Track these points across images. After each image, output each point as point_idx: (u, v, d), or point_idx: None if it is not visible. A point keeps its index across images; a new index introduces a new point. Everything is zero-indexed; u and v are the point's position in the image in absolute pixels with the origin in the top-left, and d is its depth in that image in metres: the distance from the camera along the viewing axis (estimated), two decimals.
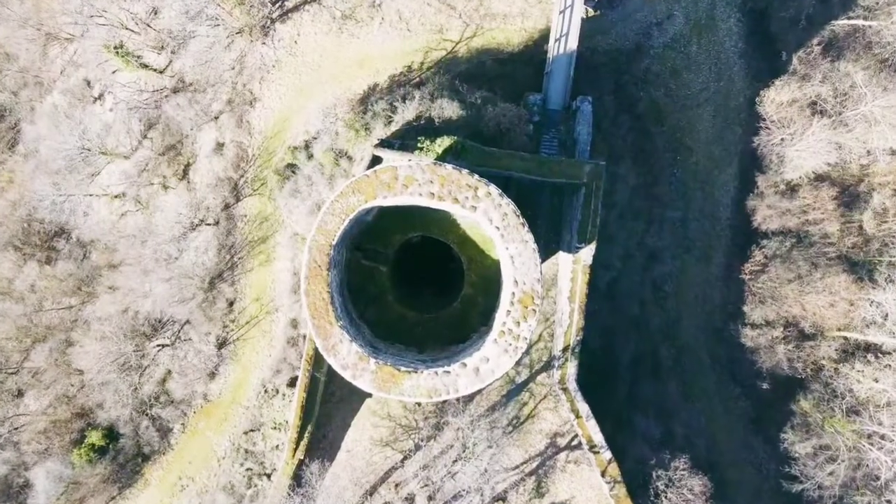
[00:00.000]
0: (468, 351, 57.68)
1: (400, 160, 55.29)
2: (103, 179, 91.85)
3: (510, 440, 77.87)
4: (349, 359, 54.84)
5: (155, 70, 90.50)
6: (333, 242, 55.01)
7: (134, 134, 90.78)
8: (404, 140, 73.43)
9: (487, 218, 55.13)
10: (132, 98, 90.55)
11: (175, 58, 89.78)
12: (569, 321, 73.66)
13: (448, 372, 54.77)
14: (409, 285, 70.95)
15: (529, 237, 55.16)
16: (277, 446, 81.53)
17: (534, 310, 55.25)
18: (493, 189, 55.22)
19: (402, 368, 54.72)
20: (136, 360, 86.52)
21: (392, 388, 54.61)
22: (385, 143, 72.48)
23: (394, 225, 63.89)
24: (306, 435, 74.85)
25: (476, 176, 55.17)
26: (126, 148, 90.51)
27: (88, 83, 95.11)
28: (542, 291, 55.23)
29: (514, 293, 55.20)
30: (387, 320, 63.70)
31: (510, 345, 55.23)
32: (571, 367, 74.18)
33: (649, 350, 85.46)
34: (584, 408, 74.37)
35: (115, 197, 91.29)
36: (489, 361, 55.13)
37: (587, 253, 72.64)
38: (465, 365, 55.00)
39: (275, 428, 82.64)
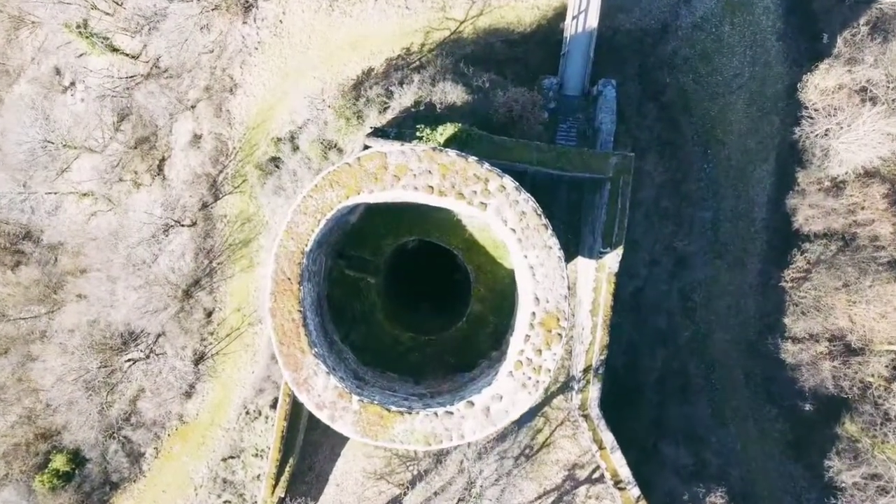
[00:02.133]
0: (476, 384, 43.64)
1: (391, 146, 41.37)
2: (73, 176, 78.43)
3: (522, 472, 64.09)
4: (326, 396, 40.87)
5: (128, 55, 76.84)
6: (306, 249, 41.09)
7: (106, 126, 77.49)
8: (401, 129, 59.73)
9: (501, 218, 41.15)
10: (103, 86, 77.11)
11: (149, 40, 76.12)
12: (591, 338, 59.81)
13: (451, 413, 40.71)
14: (403, 301, 56.62)
15: (554, 242, 41.22)
16: (259, 476, 67.89)
17: (559, 334, 41.24)
18: (509, 181, 41.25)
19: (393, 408, 40.68)
20: (104, 377, 73.13)
21: (380, 434, 40.62)
22: (379, 132, 58.67)
23: (384, 227, 49.73)
24: (287, 468, 61.07)
25: (486, 165, 41.18)
26: (97, 141, 77.10)
27: (58, 71, 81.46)
28: (570, 311, 41.39)
29: (534, 313, 41.14)
30: (376, 344, 49.54)
31: (529, 379, 41.13)
32: (594, 391, 60.28)
33: (677, 367, 71.53)
34: (608, 438, 60.50)
35: (84, 195, 77.85)
36: (503, 400, 41.04)
37: (613, 259, 58.81)
38: (472, 404, 40.90)
39: (256, 455, 68.96)
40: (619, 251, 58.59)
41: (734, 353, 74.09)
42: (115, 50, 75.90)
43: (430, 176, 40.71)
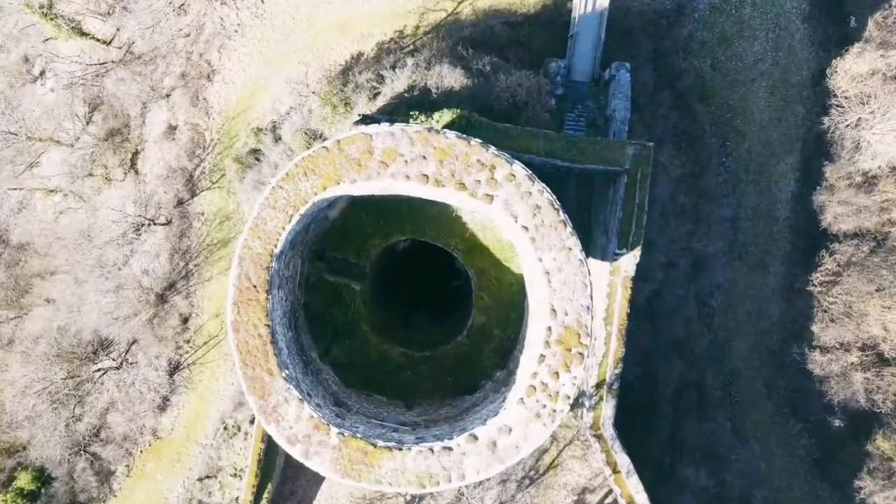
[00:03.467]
0: (479, 411, 35.30)
1: (377, 127, 33.12)
2: (44, 171, 70.25)
3: (527, 497, 55.83)
4: (299, 428, 32.58)
5: (100, 41, 68.62)
6: (276, 251, 32.82)
7: (77, 117, 69.30)
8: (393, 116, 51.29)
9: (510, 213, 32.89)
10: (73, 74, 68.81)
11: (122, 24, 67.82)
12: (604, 349, 51.63)
13: (449, 448, 32.41)
14: (393, 311, 48.13)
15: (574, 242, 32.99)
16: (237, 498, 59.70)
17: (581, 354, 32.96)
18: (519, 169, 33.01)
19: (380, 443, 32.35)
20: (70, 389, 64.92)
21: (364, 473, 32.29)
22: (368, 120, 50.22)
23: (371, 224, 41.32)
24: (266, 494, 52.83)
25: (493, 149, 32.92)
26: (67, 133, 68.94)
27: (27, 59, 73.12)
28: (593, 325, 33.24)
29: (550, 328, 32.85)
30: (361, 361, 40.92)
31: (544, 407, 32.83)
32: (608, 409, 52.07)
33: (695, 379, 63.36)
34: (623, 461, 52.28)
35: (51, 192, 69.58)
36: (512, 433, 32.74)
37: (629, 261, 50.66)
38: (475, 438, 32.60)
39: (235, 475, 60.72)
40: (637, 253, 50.45)
41: (755, 362, 65.95)
42: (84, 34, 67.75)
43: (425, 162, 32.47)
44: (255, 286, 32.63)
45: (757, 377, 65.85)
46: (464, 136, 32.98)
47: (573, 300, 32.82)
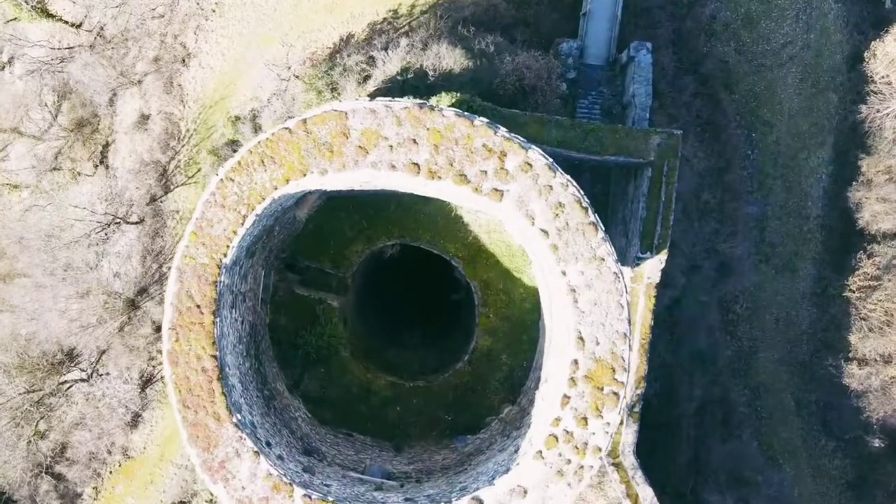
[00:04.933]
0: (484, 463, 27.00)
1: (354, 102, 24.95)
2: (11, 164, 62.17)
3: None
4: (254, 488, 24.38)
5: (68, 23, 60.50)
6: (226, 261, 24.63)
7: (46, 106, 61.28)
8: None
9: (525, 213, 24.64)
10: (38, 60, 60.77)
11: (90, 3, 59.69)
12: None
13: None
14: (379, 332, 39.66)
15: (608, 251, 24.85)
16: None
17: (616, 393, 24.78)
18: (536, 155, 24.81)
19: None
20: (31, 404, 57.00)
21: None
22: None
23: (351, 226, 32.93)
24: None
25: (503, 131, 24.74)
26: (36, 125, 60.93)
27: None
28: (630, 357, 25.06)
29: (576, 361, 24.65)
30: (340, 393, 32.40)
31: (569, 463, 24.62)
32: (628, 434, 43.89)
33: (718, 394, 55.31)
34: (646, 493, 44.17)
35: (14, 188, 61.56)
36: (527, 496, 24.45)
37: (653, 267, 42.54)
38: (479, 502, 24.53)
39: (211, 501, 52.85)
40: (663, 256, 42.33)
41: (783, 375, 57.91)
42: (50, 16, 59.70)
43: (416, 148, 24.26)
44: (198, 306, 24.47)
45: (785, 391, 57.89)
46: (466, 113, 24.79)
47: (606, 325, 24.65)
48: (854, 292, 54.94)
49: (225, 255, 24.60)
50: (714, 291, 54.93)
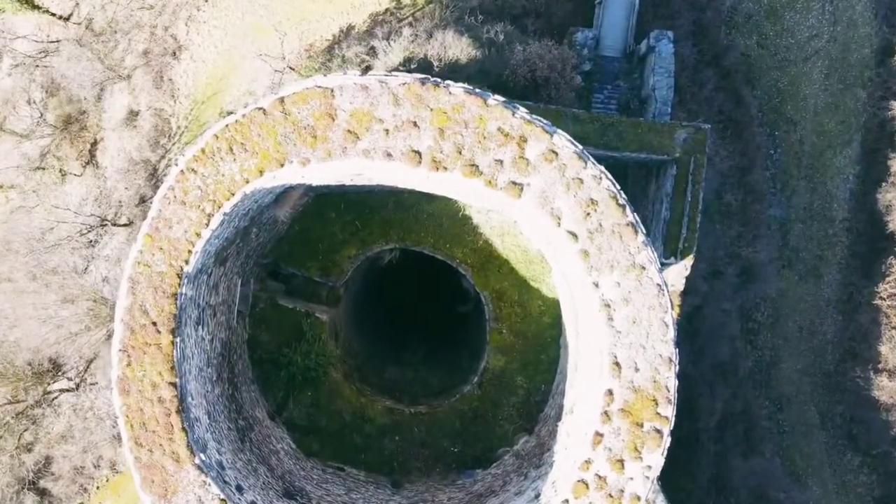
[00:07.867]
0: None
1: (342, 77, 20.03)
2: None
3: None
4: None
5: (56, 15, 55.91)
6: (188, 268, 19.57)
7: (35, 103, 56.74)
8: None
9: (549, 211, 19.61)
10: (25, 54, 56.30)
11: None
12: None
13: None
14: (375, 349, 34.44)
15: (649, 258, 19.87)
16: None
17: (658, 431, 20.02)
18: (563, 141, 19.77)
19: None
20: (14, 416, 52.35)
21: None
22: None
23: (342, 228, 27.56)
24: None
25: (522, 111, 19.67)
26: (23, 122, 56.38)
27: None
28: (676, 385, 20.15)
29: (611, 390, 19.61)
30: (330, 421, 26.94)
31: None
32: None
33: (740, 407, 50.28)
34: None
35: (0, 188, 57.04)
36: None
37: (678, 273, 37.50)
38: None
39: None
40: (688, 262, 37.25)
41: (806, 386, 52.86)
42: (35, 7, 55.07)
43: (417, 132, 19.19)
44: (154, 323, 19.39)
45: (808, 403, 52.87)
46: (477, 90, 19.82)
47: (647, 348, 19.71)
48: (885, 300, 49.94)
49: (187, 262, 19.49)
50: (736, 299, 49.97)
